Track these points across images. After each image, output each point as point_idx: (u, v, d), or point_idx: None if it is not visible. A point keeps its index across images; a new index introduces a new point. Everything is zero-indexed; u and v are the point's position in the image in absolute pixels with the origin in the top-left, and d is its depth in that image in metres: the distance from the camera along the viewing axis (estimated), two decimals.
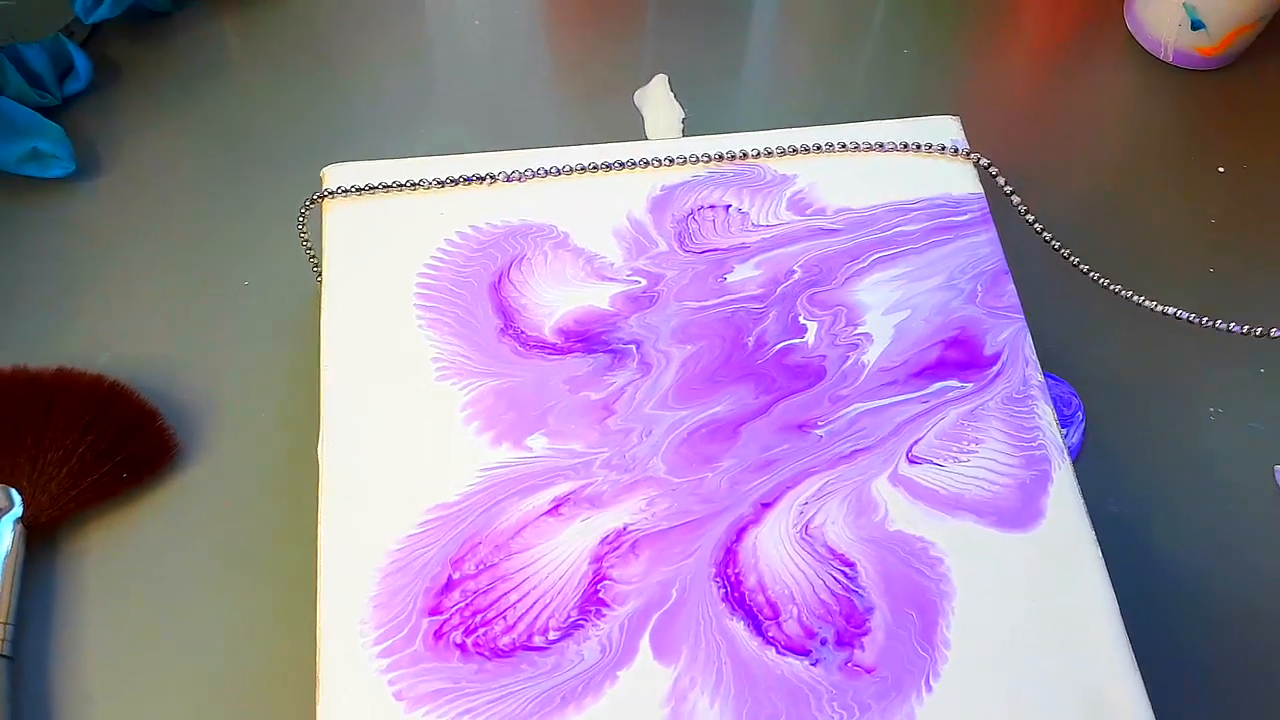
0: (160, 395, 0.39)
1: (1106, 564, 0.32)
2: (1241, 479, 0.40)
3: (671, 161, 0.39)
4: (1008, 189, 0.34)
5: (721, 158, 0.40)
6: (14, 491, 0.36)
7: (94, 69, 0.47)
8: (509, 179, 0.39)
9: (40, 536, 0.37)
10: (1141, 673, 0.31)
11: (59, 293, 0.42)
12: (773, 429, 0.35)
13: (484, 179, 0.39)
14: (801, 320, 0.37)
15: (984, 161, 0.34)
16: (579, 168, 0.39)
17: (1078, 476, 0.34)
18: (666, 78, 0.50)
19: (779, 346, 0.36)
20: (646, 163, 0.39)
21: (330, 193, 0.38)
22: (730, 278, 0.38)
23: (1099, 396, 0.40)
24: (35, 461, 0.36)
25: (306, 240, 0.40)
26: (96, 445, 0.37)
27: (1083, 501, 0.34)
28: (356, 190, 0.38)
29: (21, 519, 0.35)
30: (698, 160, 0.39)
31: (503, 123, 0.48)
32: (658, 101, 0.50)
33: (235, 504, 0.38)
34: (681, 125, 0.49)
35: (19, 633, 0.35)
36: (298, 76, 0.49)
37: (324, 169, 0.39)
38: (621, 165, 0.39)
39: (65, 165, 0.45)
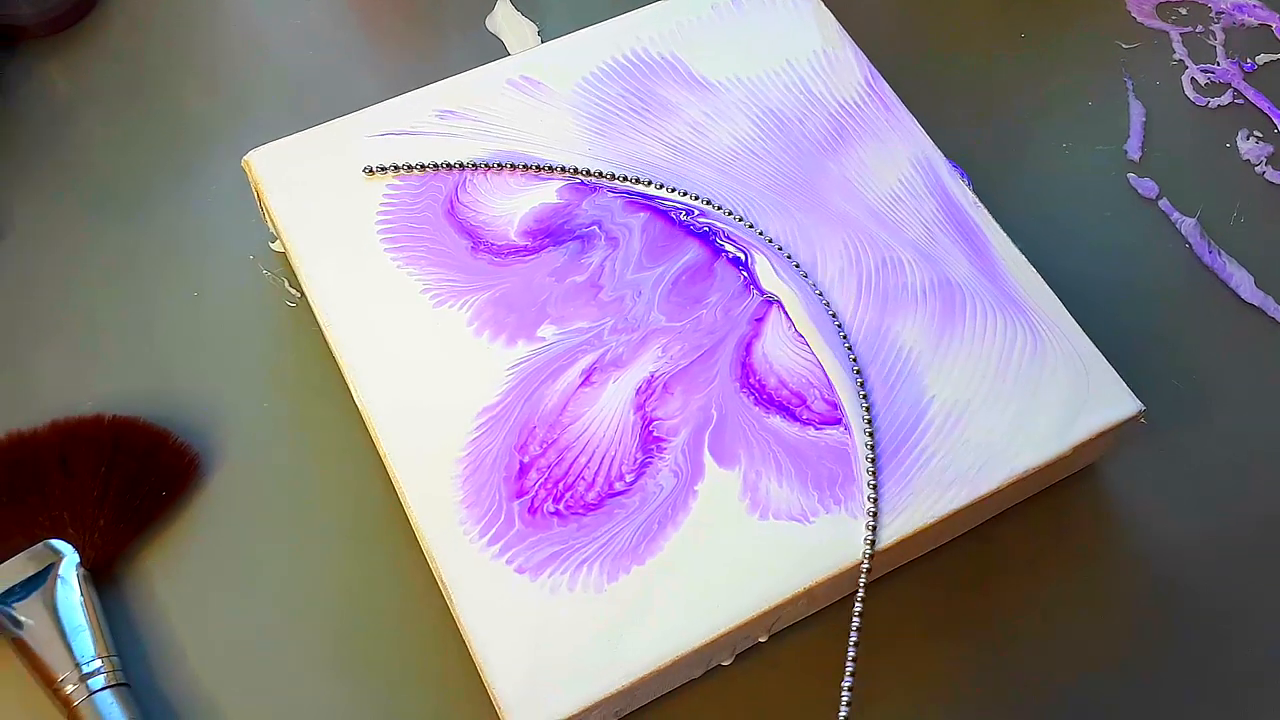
0: (156, 420, 0.40)
1: None
2: (1104, 192, 0.47)
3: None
4: None
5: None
6: (61, 543, 0.36)
7: None
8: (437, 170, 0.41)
9: (103, 579, 0.37)
10: None
11: (12, 356, 0.42)
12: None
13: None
14: None
15: None
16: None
17: None
18: None
19: None
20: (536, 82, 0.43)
21: (269, 181, 0.39)
22: None
23: (971, 164, 0.46)
24: (73, 510, 0.36)
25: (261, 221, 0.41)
26: (125, 476, 0.37)
27: (1007, 236, 0.40)
28: (290, 181, 0.40)
29: (80, 563, 0.36)
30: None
31: (376, 83, 0.50)
32: (508, 23, 0.52)
33: (275, 484, 0.39)
34: (538, 39, 0.52)
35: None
36: (145, 102, 0.48)
37: (246, 156, 0.40)
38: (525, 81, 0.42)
39: None
